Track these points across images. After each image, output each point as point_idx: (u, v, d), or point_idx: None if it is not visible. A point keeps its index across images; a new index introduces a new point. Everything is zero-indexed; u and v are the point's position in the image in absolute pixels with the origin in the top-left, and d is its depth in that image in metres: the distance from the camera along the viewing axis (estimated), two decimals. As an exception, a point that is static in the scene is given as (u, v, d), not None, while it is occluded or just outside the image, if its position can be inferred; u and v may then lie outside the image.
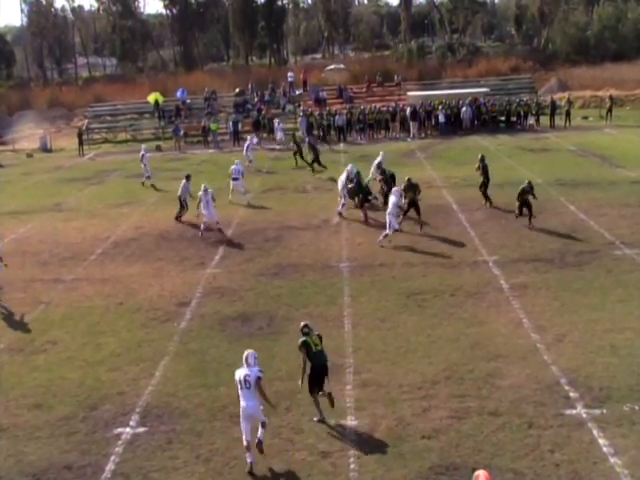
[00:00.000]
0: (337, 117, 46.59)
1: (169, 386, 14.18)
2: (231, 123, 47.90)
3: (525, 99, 49.37)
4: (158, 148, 47.29)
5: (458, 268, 20.00)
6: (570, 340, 15.20)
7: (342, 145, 44.31)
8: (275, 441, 12.06)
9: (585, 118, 50.41)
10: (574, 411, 12.44)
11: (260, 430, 11.45)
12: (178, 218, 26.74)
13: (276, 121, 47.17)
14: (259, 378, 11.33)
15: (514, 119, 47.80)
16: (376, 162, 28.11)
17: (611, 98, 48.89)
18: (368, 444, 11.82)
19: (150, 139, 51.06)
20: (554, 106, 47.73)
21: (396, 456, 11.44)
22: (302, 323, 12.78)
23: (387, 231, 22.08)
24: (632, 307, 16.43)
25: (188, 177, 27.29)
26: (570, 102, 48.55)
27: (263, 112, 50.49)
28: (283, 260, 21.58)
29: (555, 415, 12.27)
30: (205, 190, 24.09)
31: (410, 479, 10.82)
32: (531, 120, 47.72)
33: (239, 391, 11.40)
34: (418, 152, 39.80)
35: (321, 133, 47.26)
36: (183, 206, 26.72)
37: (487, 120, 47.37)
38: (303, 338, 12.49)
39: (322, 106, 51.99)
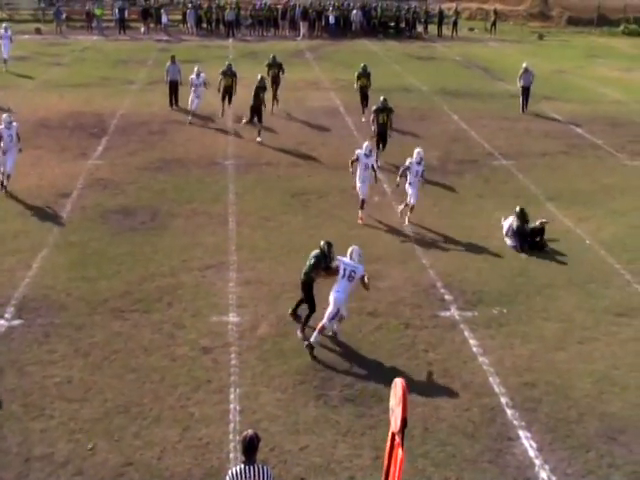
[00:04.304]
0: (227, 12, 45.24)
1: (47, 279, 13.81)
2: (117, 10, 45.73)
3: (414, 6, 49.37)
4: (37, 31, 44.76)
5: (343, 170, 20.05)
6: (447, 245, 15.74)
7: (230, 41, 43.16)
8: (156, 336, 12.02)
9: (471, 30, 51.05)
10: (448, 313, 13.00)
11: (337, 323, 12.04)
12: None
13: (163, 11, 45.74)
14: (364, 277, 11.75)
15: (403, 26, 47.81)
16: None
17: (495, 12, 49.66)
18: (249, 341, 11.96)
19: (29, 20, 48.18)
20: (442, 16, 48.06)
21: (277, 353, 11.65)
22: None
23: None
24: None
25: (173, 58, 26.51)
26: (458, 13, 49.08)
27: (152, 0, 48.40)
28: (168, 155, 21.12)
29: (430, 317, 12.77)
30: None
31: (290, 375, 11.06)
32: (419, 28, 47.87)
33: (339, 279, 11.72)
34: (307, 52, 39.31)
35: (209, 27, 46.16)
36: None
37: (377, 25, 47.16)
38: None
39: (212, -1, 50.31)
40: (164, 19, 45.26)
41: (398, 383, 7.41)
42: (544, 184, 19.53)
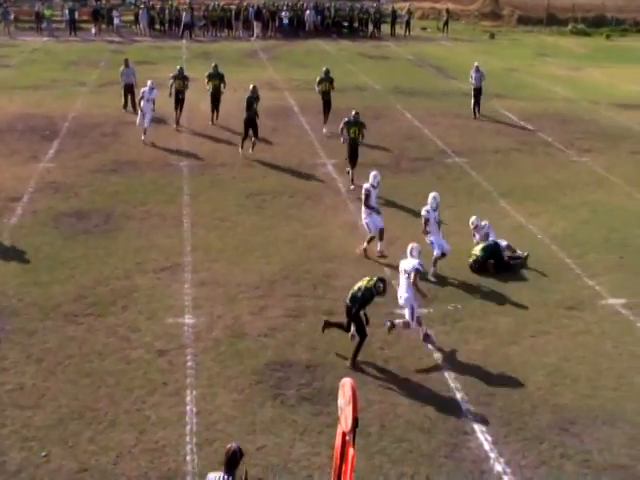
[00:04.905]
0: (183, 13, 44.98)
1: (-3, 284, 13.61)
2: (67, 11, 45.16)
3: (367, 6, 49.70)
4: (-17, 32, 44.16)
5: (298, 170, 20.20)
6: (402, 243, 15.73)
7: (184, 41, 42.92)
8: (111, 340, 11.91)
9: (424, 29, 51.50)
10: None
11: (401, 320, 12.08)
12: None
13: (114, 12, 45.27)
14: (417, 270, 11.92)
15: (356, 25, 48.12)
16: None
17: (448, 12, 50.22)
18: (205, 342, 11.91)
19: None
20: (395, 15, 48.40)
21: (233, 353, 11.62)
22: None
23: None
24: (460, 212, 17.25)
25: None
26: (410, 12, 49.45)
27: (102, 1, 47.90)
28: (121, 157, 20.93)
29: (386, 314, 12.76)
30: None
31: (246, 375, 11.04)
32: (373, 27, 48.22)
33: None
34: (261, 52, 39.28)
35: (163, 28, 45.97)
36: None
37: (330, 25, 47.41)
38: None
39: (165, -1, 50.08)
40: (116, 20, 44.85)
41: (347, 383, 7.47)
42: (496, 181, 19.78)
